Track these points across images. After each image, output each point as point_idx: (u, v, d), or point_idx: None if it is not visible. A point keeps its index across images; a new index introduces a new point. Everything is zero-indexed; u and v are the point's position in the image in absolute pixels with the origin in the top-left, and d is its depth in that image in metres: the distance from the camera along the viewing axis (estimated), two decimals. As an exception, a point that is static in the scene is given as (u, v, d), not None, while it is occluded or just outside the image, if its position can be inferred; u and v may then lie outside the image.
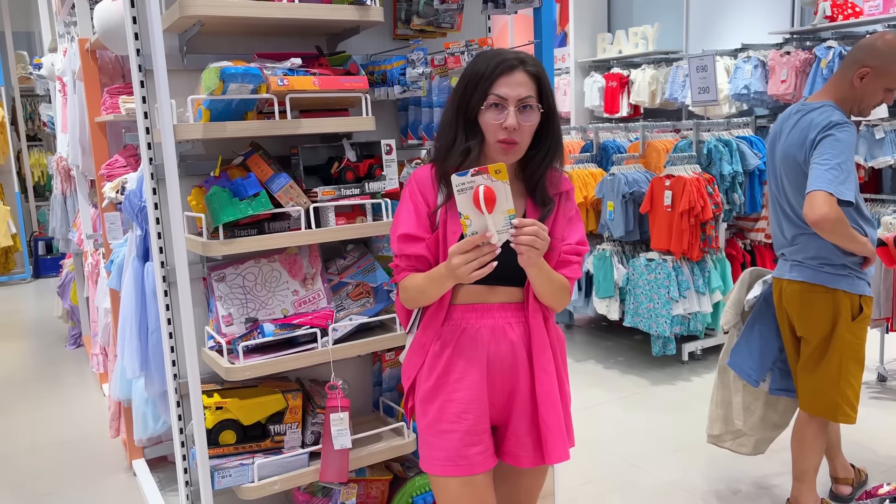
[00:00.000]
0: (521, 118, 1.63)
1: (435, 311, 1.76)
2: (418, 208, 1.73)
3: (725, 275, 4.63)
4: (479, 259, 1.52)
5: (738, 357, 2.96)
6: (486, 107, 1.64)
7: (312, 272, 2.31)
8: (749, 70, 6.73)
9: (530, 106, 1.64)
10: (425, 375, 1.78)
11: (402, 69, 2.27)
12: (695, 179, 4.36)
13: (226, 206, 2.01)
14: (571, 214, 1.80)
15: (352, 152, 2.27)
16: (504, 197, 1.47)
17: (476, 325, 1.73)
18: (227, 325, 2.21)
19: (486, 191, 1.45)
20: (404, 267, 1.75)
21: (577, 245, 1.78)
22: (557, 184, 1.79)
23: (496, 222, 1.48)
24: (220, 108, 2.03)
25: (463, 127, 1.69)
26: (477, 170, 1.46)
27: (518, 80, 1.63)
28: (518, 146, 1.67)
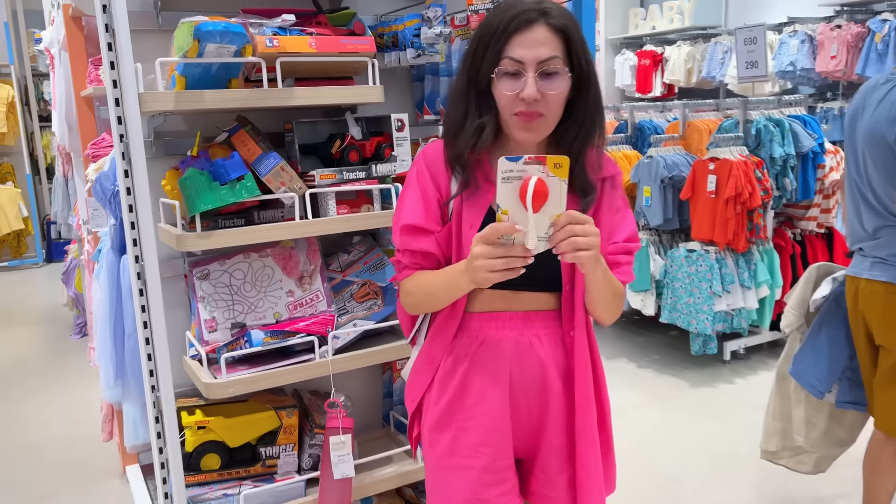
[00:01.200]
0: (543, 85, 1.29)
1: (446, 318, 1.44)
2: (427, 194, 1.41)
3: (773, 267, 4.23)
4: (506, 259, 1.19)
5: (801, 365, 2.59)
6: (499, 74, 1.30)
7: (311, 269, 1.98)
8: (795, 45, 6.26)
9: (556, 71, 1.29)
10: (435, 398, 1.46)
11: (417, 29, 1.92)
12: (742, 163, 3.96)
13: (203, 191, 1.68)
14: (619, 205, 1.45)
15: (356, 128, 1.92)
16: (557, 198, 1.17)
17: (497, 337, 1.41)
18: (211, 330, 1.88)
19: (539, 185, 1.15)
20: (407, 264, 1.44)
21: (627, 242, 1.44)
22: (599, 167, 1.42)
23: (539, 226, 1.17)
24: (196, 75, 1.69)
25: (475, 99, 1.36)
26: (534, 157, 1.15)
27: (538, 37, 1.28)
28: (542, 119, 1.32)
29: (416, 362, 1.51)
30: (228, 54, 1.66)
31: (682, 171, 4.29)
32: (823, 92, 6.46)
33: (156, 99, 1.61)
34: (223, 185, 1.70)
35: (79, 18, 2.98)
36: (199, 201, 1.67)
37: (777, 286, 4.24)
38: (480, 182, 1.37)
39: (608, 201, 1.43)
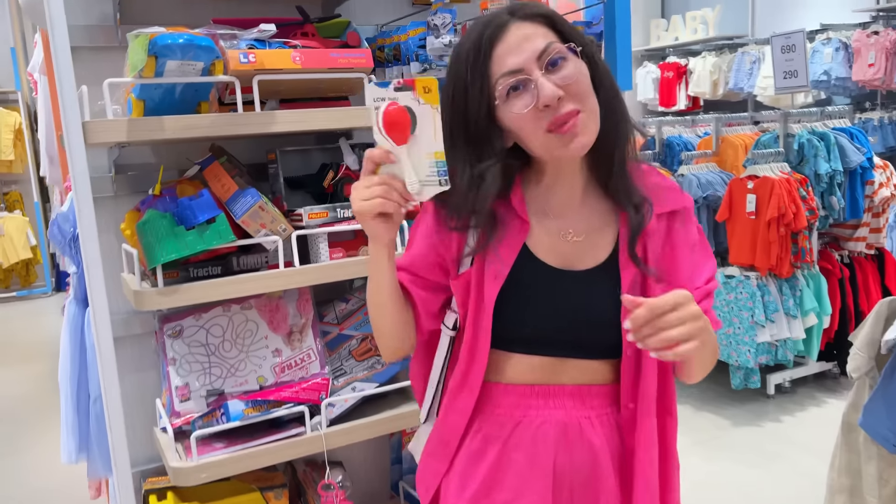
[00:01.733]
0: (558, 78, 1.03)
1: (458, 388, 1.16)
2: (430, 235, 1.15)
3: (820, 294, 3.88)
4: (383, 187, 0.99)
5: (872, 417, 2.25)
6: (501, 100, 1.04)
7: (301, 323, 1.68)
8: (829, 53, 5.93)
9: (562, 55, 1.04)
10: (456, 488, 1.16)
11: (422, 39, 1.63)
12: (784, 181, 3.63)
13: (165, 238, 1.39)
14: (695, 239, 1.16)
15: (352, 157, 1.63)
16: (429, 130, 0.98)
17: (538, 418, 1.13)
18: (183, 399, 1.59)
19: (391, 113, 0.97)
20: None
21: (708, 285, 1.15)
22: (665, 197, 1.13)
23: (416, 164, 0.99)
24: (157, 98, 1.41)
25: (469, 149, 1.08)
26: (402, 82, 0.98)
27: (521, 34, 1.05)
28: (582, 116, 1.03)
29: (429, 443, 1.23)
30: (194, 73, 1.38)
31: (718, 191, 3.97)
32: (860, 101, 6.12)
33: (103, 128, 1.32)
34: (189, 229, 1.41)
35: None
36: (159, 250, 1.38)
37: (825, 314, 3.89)
38: (509, 222, 1.11)
39: (684, 237, 1.15)
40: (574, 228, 1.12)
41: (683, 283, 1.09)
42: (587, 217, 1.14)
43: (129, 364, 1.71)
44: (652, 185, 1.13)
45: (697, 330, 0.93)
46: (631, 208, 1.10)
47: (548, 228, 1.12)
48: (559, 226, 1.12)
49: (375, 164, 1.01)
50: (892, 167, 4.09)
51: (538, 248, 1.12)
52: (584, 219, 1.13)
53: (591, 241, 1.12)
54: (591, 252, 1.12)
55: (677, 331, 0.92)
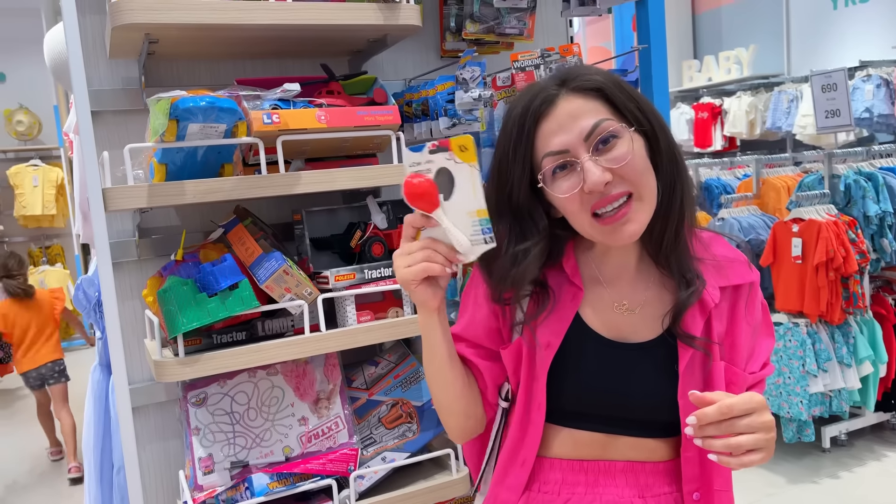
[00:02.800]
0: (608, 161, 0.96)
1: (508, 462, 1.09)
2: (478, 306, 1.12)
3: (875, 340, 3.69)
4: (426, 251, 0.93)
5: None
6: (547, 179, 0.99)
7: (329, 389, 1.60)
8: (870, 90, 5.79)
9: (614, 133, 0.96)
10: None
11: (451, 94, 1.58)
12: (832, 223, 3.49)
13: (187, 305, 1.33)
14: (758, 320, 1.09)
15: (380, 216, 1.57)
16: (468, 189, 0.92)
17: (585, 497, 1.05)
18: (206, 472, 1.52)
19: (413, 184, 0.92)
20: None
21: (763, 370, 1.08)
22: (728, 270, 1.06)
23: (458, 225, 0.93)
24: (179, 161, 1.37)
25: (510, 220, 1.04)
26: (437, 144, 0.93)
27: (569, 111, 0.98)
28: (635, 203, 0.98)
29: None
30: (216, 135, 1.34)
31: (761, 234, 3.84)
32: (904, 138, 5.95)
33: (123, 195, 1.29)
34: (212, 295, 1.35)
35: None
36: (180, 319, 1.32)
37: (881, 362, 3.70)
38: (562, 289, 1.06)
39: (747, 315, 1.07)
40: (629, 299, 1.06)
41: (740, 365, 1.03)
42: (643, 287, 1.07)
43: (152, 433, 1.65)
44: (715, 256, 1.06)
45: (766, 442, 0.88)
46: (683, 283, 1.03)
47: (601, 297, 1.06)
48: (612, 295, 1.06)
49: (415, 230, 0.96)
50: (944, 206, 3.92)
51: (591, 317, 1.06)
52: (640, 289, 1.07)
53: (646, 313, 1.05)
54: (647, 324, 1.05)
55: (746, 438, 0.87)
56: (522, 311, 1.07)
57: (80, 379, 7.04)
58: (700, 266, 1.05)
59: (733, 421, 0.86)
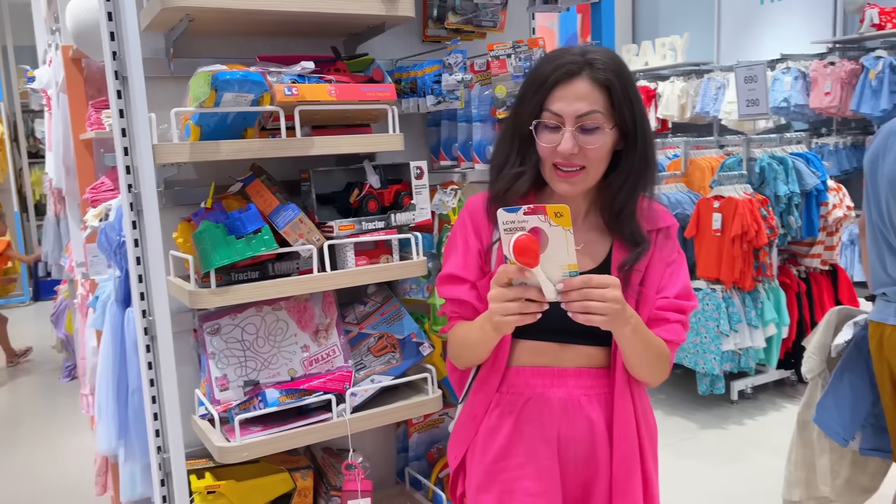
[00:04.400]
0: (582, 140, 1.28)
1: (488, 372, 1.41)
2: (467, 243, 1.42)
3: (779, 306, 4.19)
4: (519, 303, 1.16)
5: (824, 412, 2.52)
6: (539, 126, 1.31)
7: (326, 322, 1.89)
8: (789, 82, 6.32)
9: (596, 126, 1.27)
10: (479, 455, 1.41)
11: (437, 76, 1.87)
12: (747, 201, 3.94)
13: (219, 245, 1.60)
14: (672, 258, 1.41)
15: (375, 177, 1.86)
16: (562, 247, 1.13)
17: (544, 394, 1.37)
18: (222, 389, 1.79)
19: (524, 241, 1.11)
20: (449, 314, 1.47)
21: (678, 299, 1.38)
22: (654, 218, 1.40)
23: (551, 274, 1.15)
24: (212, 124, 1.62)
25: (518, 145, 1.38)
26: (532, 208, 1.11)
27: (578, 91, 1.27)
28: (583, 173, 1.32)
29: (460, 417, 1.48)
30: (246, 103, 1.60)
31: (686, 210, 4.26)
32: (817, 128, 6.51)
33: (170, 150, 1.54)
34: (239, 238, 1.62)
35: (79, 61, 2.92)
36: (215, 256, 1.59)
37: (784, 324, 4.19)
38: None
39: (661, 253, 1.38)
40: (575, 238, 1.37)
41: (651, 290, 1.35)
42: (587, 230, 1.39)
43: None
44: (651, 209, 1.40)
45: (613, 311, 1.15)
46: (632, 242, 1.35)
47: None
48: None
49: (508, 278, 1.16)
50: (844, 190, 4.43)
51: None
52: (583, 230, 1.39)
53: (588, 250, 1.38)
54: (588, 258, 1.37)
55: (595, 304, 1.14)
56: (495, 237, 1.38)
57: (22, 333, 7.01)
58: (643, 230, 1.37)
59: (590, 290, 1.14)
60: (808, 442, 2.63)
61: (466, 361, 1.43)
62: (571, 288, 1.14)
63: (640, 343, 1.28)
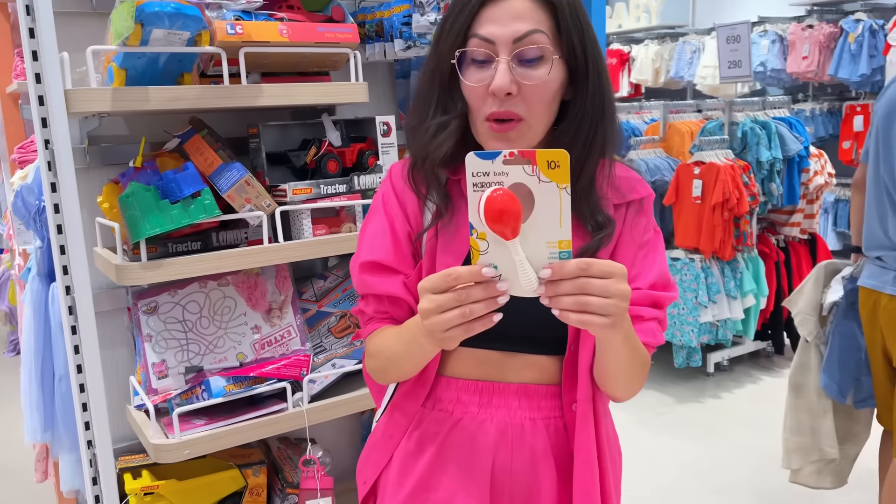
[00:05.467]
0: (520, 74, 0.95)
1: (412, 382, 1.09)
2: (394, 224, 1.07)
3: (758, 276, 4.06)
4: (462, 309, 0.82)
5: (828, 377, 2.41)
6: (464, 60, 0.97)
7: (281, 300, 1.67)
8: (766, 45, 6.17)
9: (539, 55, 0.95)
10: (393, 485, 1.10)
11: (407, 16, 1.63)
12: (729, 167, 3.77)
13: (150, 212, 1.36)
14: (647, 238, 1.08)
15: (335, 133, 1.62)
16: (553, 215, 0.79)
17: (478, 417, 1.06)
18: (160, 376, 1.56)
19: (501, 200, 0.77)
20: (371, 314, 1.09)
21: (653, 290, 1.05)
22: (623, 188, 1.06)
23: (533, 256, 0.80)
24: (140, 67, 1.37)
25: (438, 91, 1.02)
26: (516, 153, 0.78)
27: (514, 8, 0.95)
28: (522, 125, 0.98)
29: (374, 434, 1.17)
30: (180, 42, 1.35)
31: (665, 176, 4.09)
32: (793, 93, 6.38)
33: (87, 97, 1.28)
34: (174, 203, 1.38)
35: (4, 5, 2.61)
36: (144, 224, 1.35)
37: (762, 295, 4.07)
38: (460, 208, 1.04)
39: (631, 232, 1.06)
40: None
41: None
42: None
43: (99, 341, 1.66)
44: (618, 177, 1.06)
45: (618, 310, 0.82)
46: (594, 225, 1.02)
47: None
48: None
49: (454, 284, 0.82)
50: (826, 156, 4.30)
51: None
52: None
53: None
54: None
55: (597, 300, 0.81)
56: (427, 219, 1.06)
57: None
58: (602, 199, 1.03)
59: (589, 279, 0.80)
60: (805, 406, 2.52)
61: (393, 377, 1.09)
62: (563, 276, 0.80)
63: (627, 352, 0.95)
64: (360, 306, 1.11)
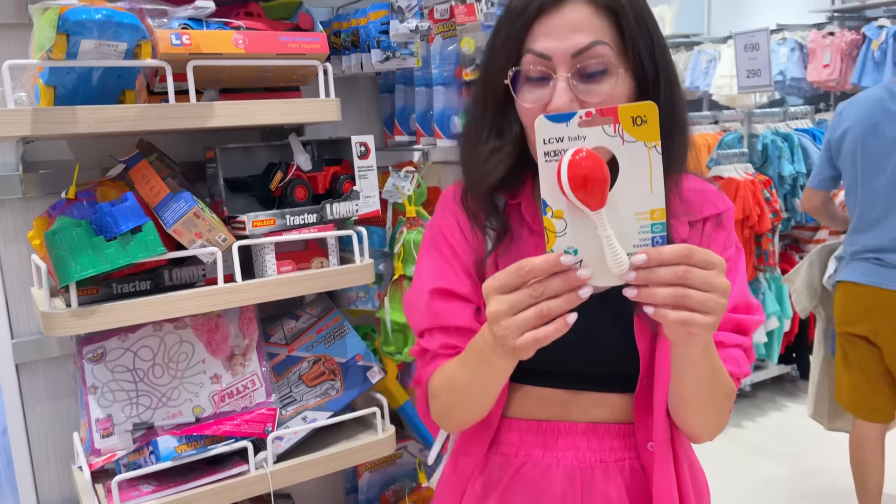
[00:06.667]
0: (583, 91, 0.85)
1: (475, 425, 0.99)
2: (457, 251, 0.99)
3: (782, 297, 3.83)
4: (541, 306, 0.70)
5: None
6: (521, 77, 0.88)
7: (244, 345, 1.47)
8: (785, 53, 5.93)
9: (603, 68, 0.85)
10: None
11: (385, 24, 1.44)
12: (749, 182, 3.56)
13: (80, 250, 1.17)
14: (728, 255, 0.97)
15: (304, 156, 1.43)
16: (642, 180, 0.68)
17: (544, 461, 0.97)
18: (105, 434, 1.37)
19: (587, 162, 0.66)
20: (438, 352, 0.98)
21: (738, 313, 0.95)
22: (698, 203, 0.96)
23: (619, 232, 0.68)
24: (70, 84, 1.19)
25: (491, 112, 0.94)
26: (593, 112, 0.68)
27: (572, 18, 0.85)
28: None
29: (440, 483, 1.08)
30: (116, 55, 1.16)
31: (681, 192, 3.88)
32: (814, 102, 6.15)
33: (2, 119, 1.10)
34: (110, 240, 1.19)
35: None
36: (72, 265, 1.16)
37: (786, 317, 3.84)
38: (520, 233, 0.97)
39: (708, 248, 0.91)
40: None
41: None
42: None
43: (42, 392, 1.48)
44: (690, 190, 0.95)
45: (719, 307, 0.70)
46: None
47: None
48: None
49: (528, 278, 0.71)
50: (852, 168, 4.06)
51: None
52: None
53: None
54: None
55: (698, 294, 0.69)
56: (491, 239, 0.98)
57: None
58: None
59: (690, 268, 0.69)
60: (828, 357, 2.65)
61: (462, 416, 0.97)
62: (660, 262, 0.69)
63: (708, 370, 0.85)
64: (423, 343, 1.00)
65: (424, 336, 0.99)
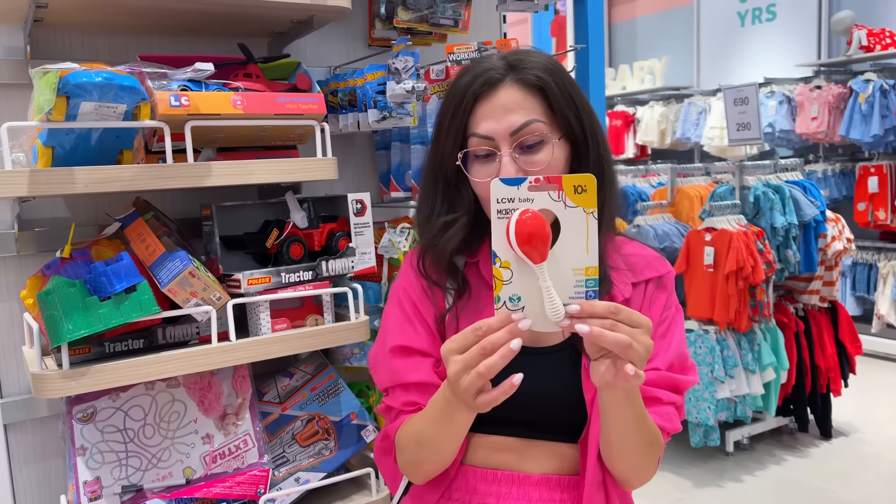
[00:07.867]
0: (525, 162, 0.98)
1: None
2: (418, 308, 1.07)
3: (778, 348, 3.81)
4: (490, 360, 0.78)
5: None
6: (468, 158, 1.01)
7: (237, 403, 1.45)
8: (773, 106, 6.05)
9: (539, 140, 0.97)
10: None
11: (381, 84, 1.46)
12: (742, 234, 3.57)
13: (73, 311, 1.16)
14: (667, 315, 1.05)
15: (300, 214, 1.43)
16: (580, 239, 0.77)
17: None
18: (92, 497, 1.34)
19: (531, 221, 0.75)
20: (400, 409, 1.05)
21: (671, 372, 1.02)
22: (640, 265, 1.05)
23: (560, 283, 0.77)
24: (69, 145, 1.19)
25: (442, 188, 1.06)
26: (541, 179, 0.78)
27: (506, 101, 0.98)
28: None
29: None
30: (115, 116, 1.17)
31: (675, 243, 3.90)
32: (803, 154, 6.24)
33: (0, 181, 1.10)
34: (104, 299, 1.18)
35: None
36: (65, 326, 1.15)
37: (783, 368, 3.82)
38: (478, 289, 1.05)
39: (649, 307, 1.04)
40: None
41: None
42: None
43: (31, 453, 1.46)
44: (633, 255, 1.06)
45: (641, 360, 0.79)
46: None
47: None
48: None
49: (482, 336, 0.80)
50: (843, 220, 4.10)
51: None
52: None
53: None
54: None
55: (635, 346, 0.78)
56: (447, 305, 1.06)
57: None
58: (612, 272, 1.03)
59: (617, 324, 0.78)
60: None
61: (428, 466, 1.02)
62: (592, 314, 0.78)
63: (632, 416, 0.92)
64: (387, 402, 1.08)
65: (388, 394, 1.06)
